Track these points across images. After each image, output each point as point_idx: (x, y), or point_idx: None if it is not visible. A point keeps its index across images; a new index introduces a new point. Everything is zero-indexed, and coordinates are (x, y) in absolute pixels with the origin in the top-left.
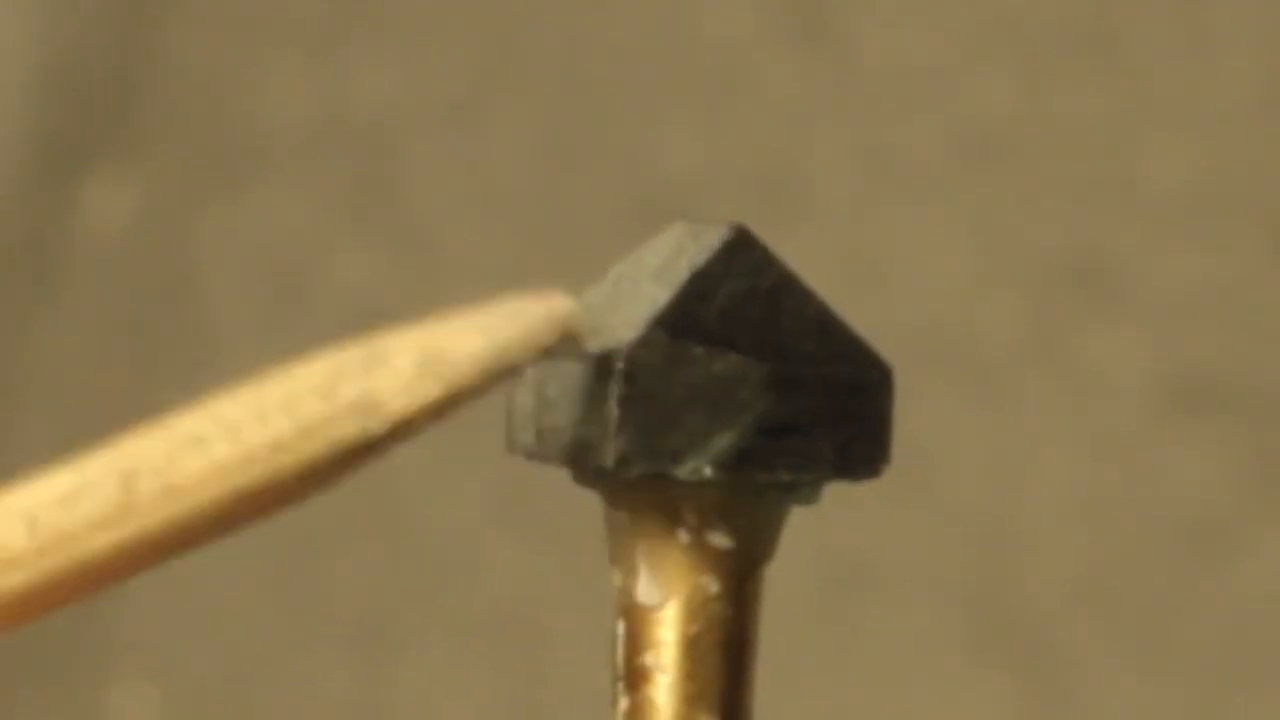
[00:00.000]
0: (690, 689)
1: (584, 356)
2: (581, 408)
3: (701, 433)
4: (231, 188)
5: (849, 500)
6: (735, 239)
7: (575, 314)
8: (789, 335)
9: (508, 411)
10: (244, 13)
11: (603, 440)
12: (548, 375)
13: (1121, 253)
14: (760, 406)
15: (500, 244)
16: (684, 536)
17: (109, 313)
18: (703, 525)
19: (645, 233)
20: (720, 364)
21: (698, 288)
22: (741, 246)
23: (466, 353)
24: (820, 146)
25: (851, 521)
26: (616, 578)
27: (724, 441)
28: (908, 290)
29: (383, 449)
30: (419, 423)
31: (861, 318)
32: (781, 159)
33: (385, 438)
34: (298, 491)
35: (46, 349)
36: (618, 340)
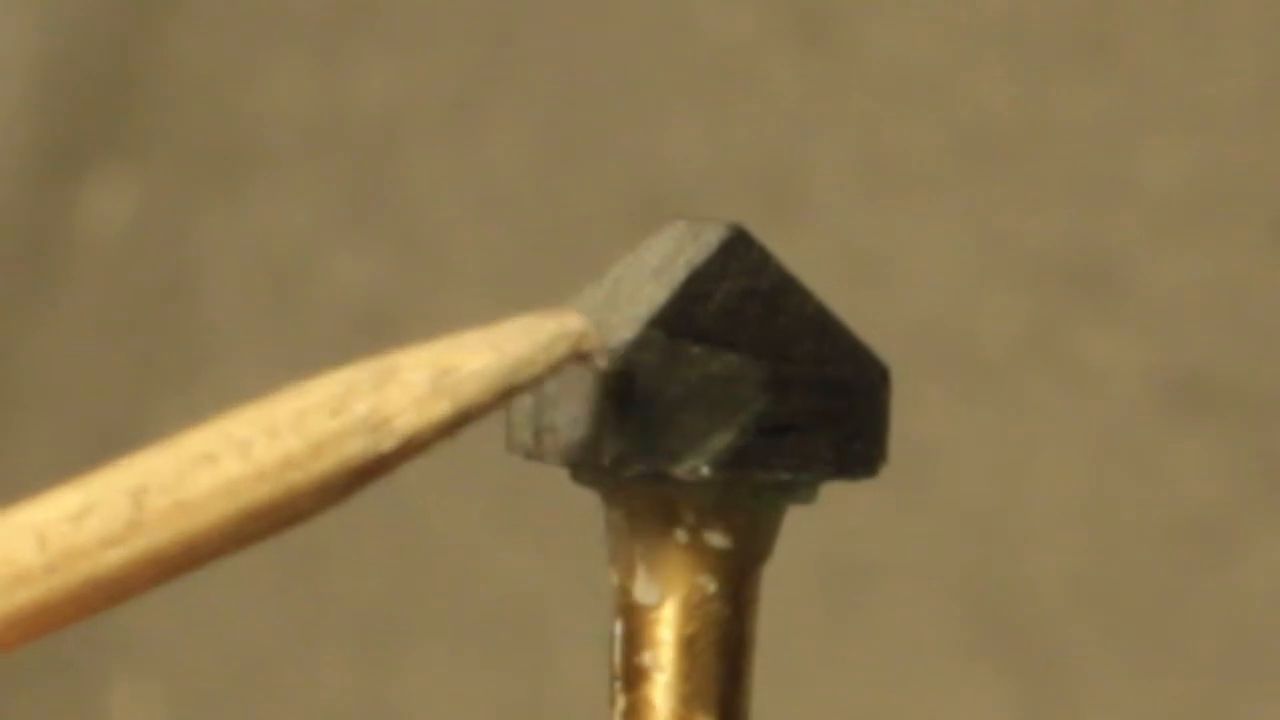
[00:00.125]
0: (687, 688)
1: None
2: (579, 407)
3: (699, 432)
4: (231, 188)
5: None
6: (733, 239)
7: (588, 332)
8: (787, 335)
9: (507, 411)
10: (244, 13)
11: (599, 440)
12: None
13: (1121, 252)
14: (758, 406)
15: (500, 244)
16: (681, 536)
17: (109, 313)
18: (700, 525)
19: (645, 233)
20: (718, 364)
21: (695, 287)
22: (739, 246)
23: (477, 370)
24: (820, 146)
25: (851, 521)
26: (614, 577)
27: (721, 441)
28: (908, 290)
29: (393, 466)
30: (429, 440)
31: (862, 317)
32: (781, 159)
33: (395, 455)
34: (308, 508)
35: (46, 349)
36: (616, 340)
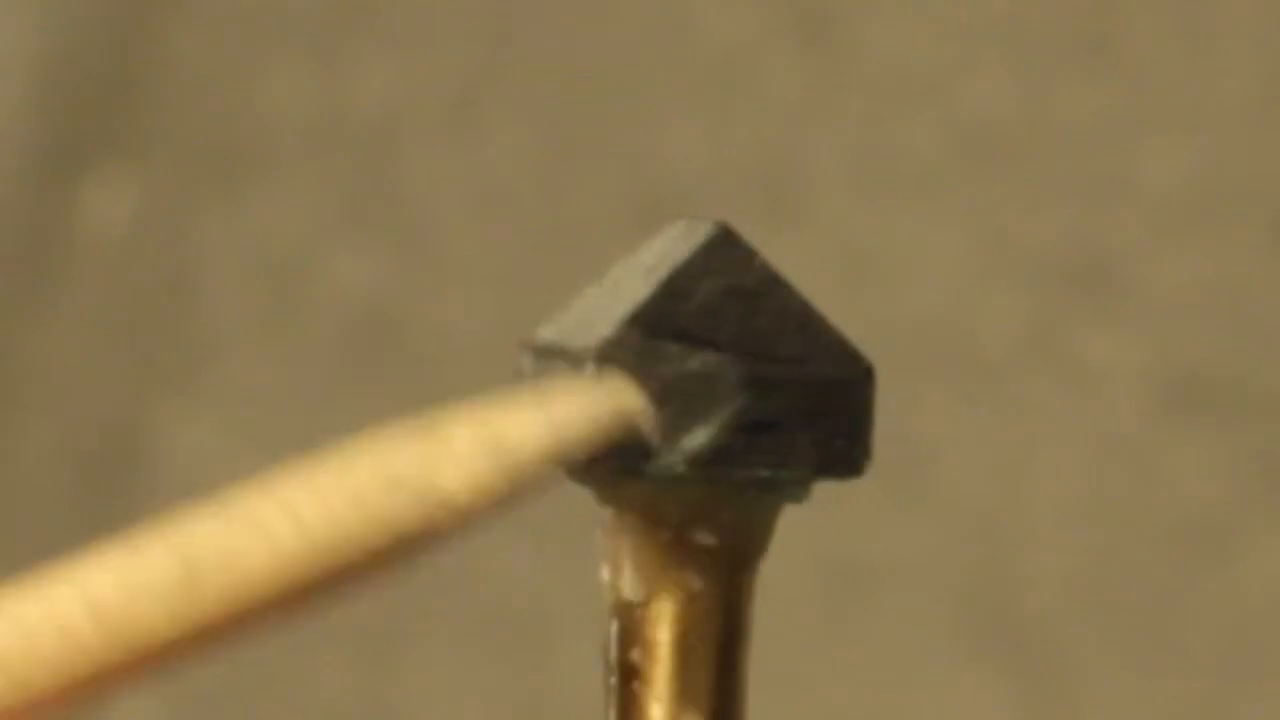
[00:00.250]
0: (675, 686)
1: (568, 354)
2: None
3: (674, 430)
4: (231, 188)
5: (848, 500)
6: (717, 236)
7: (643, 410)
8: (769, 333)
9: None
10: (244, 13)
11: None
12: (542, 374)
13: (1121, 252)
14: (737, 404)
15: (500, 244)
16: (665, 534)
17: (109, 313)
18: (685, 522)
19: (645, 233)
20: (696, 361)
21: (676, 285)
22: (723, 244)
23: (528, 443)
24: (820, 146)
25: (851, 521)
26: (605, 575)
27: (698, 439)
28: (908, 290)
29: (447, 539)
30: (483, 515)
31: (862, 317)
32: (782, 159)
33: (450, 528)
34: (360, 582)
35: (46, 349)
36: (595, 338)
